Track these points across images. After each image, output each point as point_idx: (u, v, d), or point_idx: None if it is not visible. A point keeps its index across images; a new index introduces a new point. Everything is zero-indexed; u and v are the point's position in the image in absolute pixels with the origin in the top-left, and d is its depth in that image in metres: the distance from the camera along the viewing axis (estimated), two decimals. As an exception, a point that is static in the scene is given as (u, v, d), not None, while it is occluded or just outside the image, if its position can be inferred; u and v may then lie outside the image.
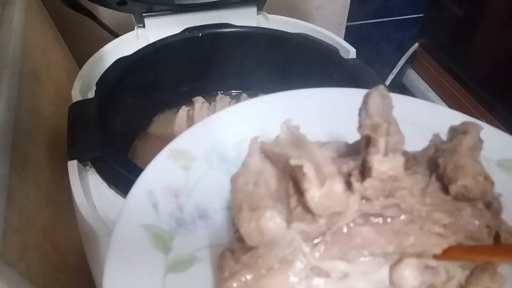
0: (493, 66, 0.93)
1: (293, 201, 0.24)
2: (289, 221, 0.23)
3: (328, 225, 0.23)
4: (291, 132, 0.26)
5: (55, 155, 0.43)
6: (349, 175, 0.24)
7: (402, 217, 0.24)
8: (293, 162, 0.23)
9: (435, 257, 0.24)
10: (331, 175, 0.22)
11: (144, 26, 0.55)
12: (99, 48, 0.52)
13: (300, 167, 0.23)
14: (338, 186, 0.22)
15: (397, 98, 0.27)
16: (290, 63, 0.53)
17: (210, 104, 0.58)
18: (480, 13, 0.90)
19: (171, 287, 0.24)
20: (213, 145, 0.32)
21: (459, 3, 0.94)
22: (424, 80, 1.15)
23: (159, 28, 0.54)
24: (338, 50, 0.53)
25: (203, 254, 0.26)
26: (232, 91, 0.61)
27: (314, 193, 0.22)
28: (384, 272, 0.24)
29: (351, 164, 0.24)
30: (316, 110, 0.37)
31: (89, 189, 0.36)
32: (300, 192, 0.23)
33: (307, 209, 0.23)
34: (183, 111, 0.57)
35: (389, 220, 0.24)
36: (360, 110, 0.26)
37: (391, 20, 1.04)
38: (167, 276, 0.24)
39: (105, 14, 0.68)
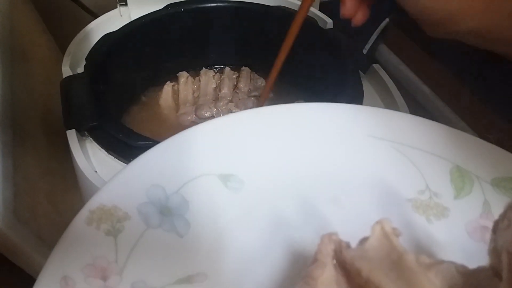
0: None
1: None
2: None
3: None
4: (387, 238, 0.19)
5: (49, 129, 0.44)
6: None
7: None
8: None
9: None
10: None
11: (126, 4, 0.56)
12: (77, 29, 0.52)
13: None
14: None
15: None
16: (271, 35, 0.55)
17: (194, 79, 0.60)
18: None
19: None
20: (150, 194, 0.24)
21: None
22: (395, 55, 1.18)
23: (141, 6, 0.55)
24: (316, 21, 0.55)
25: None
26: (215, 66, 0.63)
27: None
28: None
29: None
30: (276, 129, 0.30)
31: (89, 156, 0.38)
32: None
33: None
34: (168, 86, 0.58)
35: None
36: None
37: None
38: None
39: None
